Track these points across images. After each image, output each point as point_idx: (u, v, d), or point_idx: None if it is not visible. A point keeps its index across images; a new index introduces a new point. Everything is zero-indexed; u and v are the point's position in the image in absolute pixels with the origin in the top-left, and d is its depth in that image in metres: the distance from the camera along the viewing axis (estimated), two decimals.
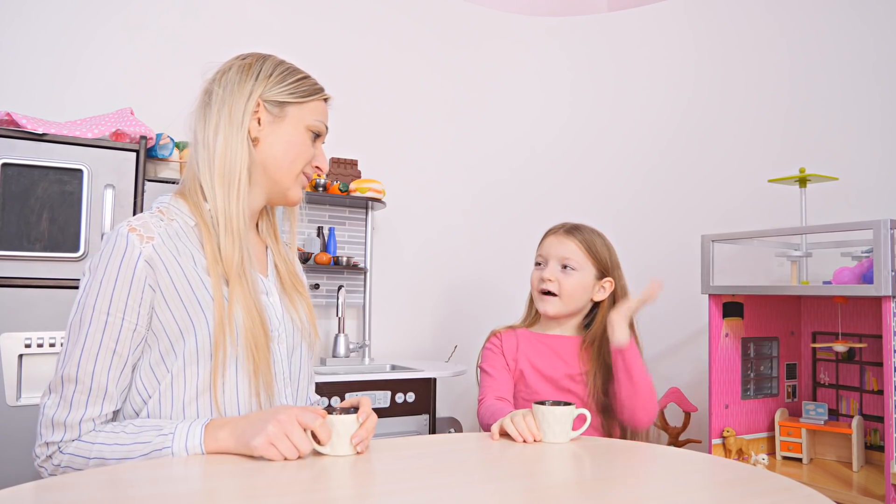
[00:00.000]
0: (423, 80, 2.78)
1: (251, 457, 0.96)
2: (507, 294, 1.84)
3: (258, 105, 1.06)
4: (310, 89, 1.10)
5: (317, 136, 1.12)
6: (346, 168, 2.55)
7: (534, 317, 1.62)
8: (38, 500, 0.74)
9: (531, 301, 1.60)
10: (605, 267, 1.53)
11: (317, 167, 1.13)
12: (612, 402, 1.46)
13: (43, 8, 2.10)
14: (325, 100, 1.13)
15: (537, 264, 1.57)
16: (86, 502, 0.77)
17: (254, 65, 1.07)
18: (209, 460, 0.94)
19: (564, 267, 1.51)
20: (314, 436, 0.95)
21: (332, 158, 2.53)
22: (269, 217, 1.19)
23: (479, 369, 1.54)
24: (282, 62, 1.11)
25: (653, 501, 0.79)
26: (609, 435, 1.50)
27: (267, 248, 1.18)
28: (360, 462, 0.94)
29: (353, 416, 0.96)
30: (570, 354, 1.52)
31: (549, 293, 1.51)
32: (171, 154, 2.13)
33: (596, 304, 1.56)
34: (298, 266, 1.25)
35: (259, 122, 1.07)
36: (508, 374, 1.50)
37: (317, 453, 0.96)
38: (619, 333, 1.40)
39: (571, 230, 1.54)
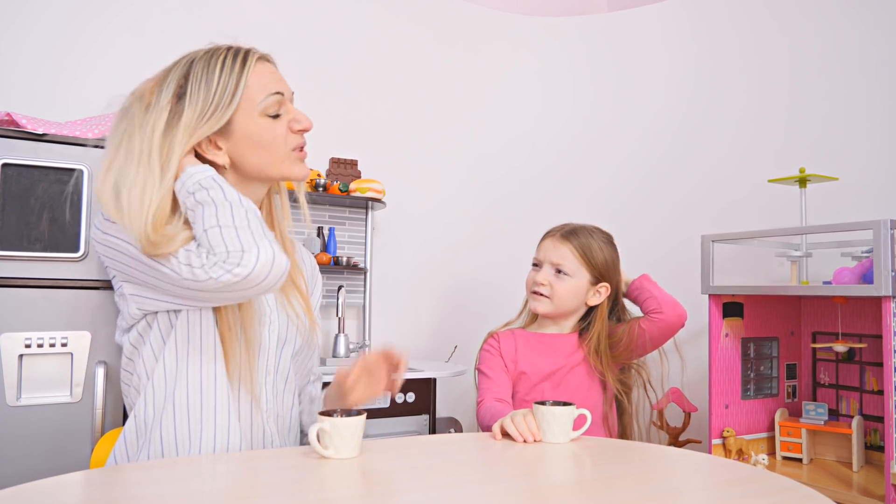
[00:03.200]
0: (424, 80, 2.78)
1: (251, 457, 0.96)
2: (508, 294, 1.85)
3: (199, 143, 1.00)
4: (234, 83, 0.99)
5: (276, 115, 1.03)
6: (346, 168, 2.55)
7: (530, 317, 1.63)
8: (38, 500, 0.74)
9: (527, 300, 1.62)
10: (601, 272, 1.53)
11: (300, 130, 1.05)
12: (638, 324, 1.52)
13: (44, 8, 2.10)
14: (263, 59, 1.03)
15: (534, 265, 1.59)
16: (87, 502, 0.77)
17: (171, 108, 0.98)
18: (209, 460, 0.94)
19: (558, 272, 1.52)
20: (317, 438, 0.94)
21: (332, 158, 2.53)
22: (268, 203, 1.15)
23: (476, 371, 1.55)
24: (190, 71, 1.00)
25: (653, 501, 0.79)
26: (607, 419, 1.52)
27: None
28: (360, 462, 0.94)
29: (355, 419, 0.96)
30: (568, 349, 1.54)
31: (541, 294, 1.54)
32: None
33: (593, 308, 1.57)
34: (303, 258, 1.23)
35: (217, 147, 1.02)
36: (506, 375, 1.51)
37: (319, 455, 0.96)
38: (627, 276, 1.59)
39: (568, 234, 1.55)
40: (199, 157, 1.03)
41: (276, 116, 1.03)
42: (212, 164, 1.02)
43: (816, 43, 2.27)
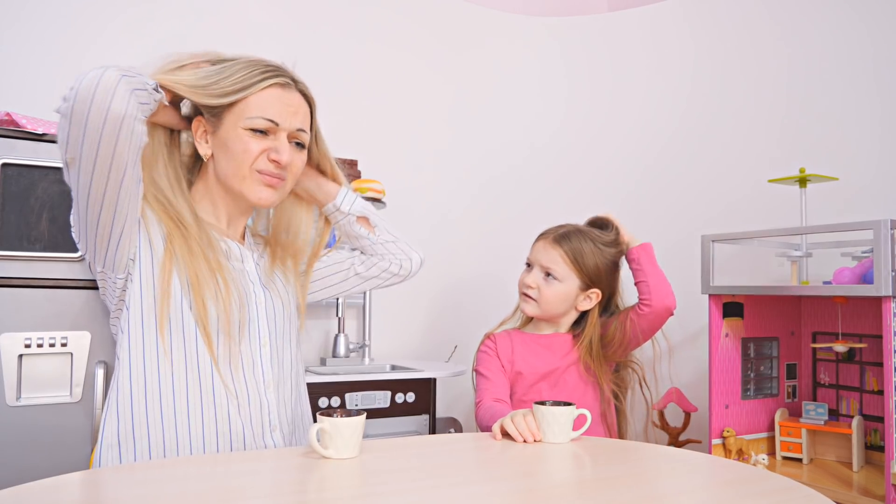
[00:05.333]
0: (423, 80, 2.78)
1: (252, 457, 0.96)
2: (508, 293, 1.84)
3: (195, 129, 1.09)
4: (238, 87, 1.04)
5: (263, 131, 1.07)
6: (346, 168, 2.55)
7: (525, 317, 1.63)
8: (38, 500, 0.74)
9: None
10: (591, 279, 1.52)
11: (274, 159, 1.08)
12: (629, 318, 1.50)
13: (44, 8, 2.10)
14: (276, 85, 1.08)
15: (527, 265, 1.59)
16: (87, 502, 0.77)
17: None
18: (209, 460, 0.94)
19: (548, 275, 1.52)
20: (317, 438, 0.95)
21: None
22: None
23: (474, 372, 1.55)
24: (232, 60, 1.08)
25: (653, 501, 0.79)
26: (605, 416, 1.52)
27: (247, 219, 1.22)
28: (360, 462, 0.94)
29: (355, 419, 0.96)
30: (563, 349, 1.54)
31: (529, 296, 1.54)
32: None
33: (586, 312, 1.57)
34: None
35: (206, 139, 1.09)
36: (504, 376, 1.51)
37: (319, 455, 0.96)
38: (633, 238, 1.56)
39: (560, 238, 1.53)
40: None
41: (262, 133, 1.07)
42: (197, 151, 1.12)
43: (816, 43, 2.27)
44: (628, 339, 1.51)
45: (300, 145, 1.14)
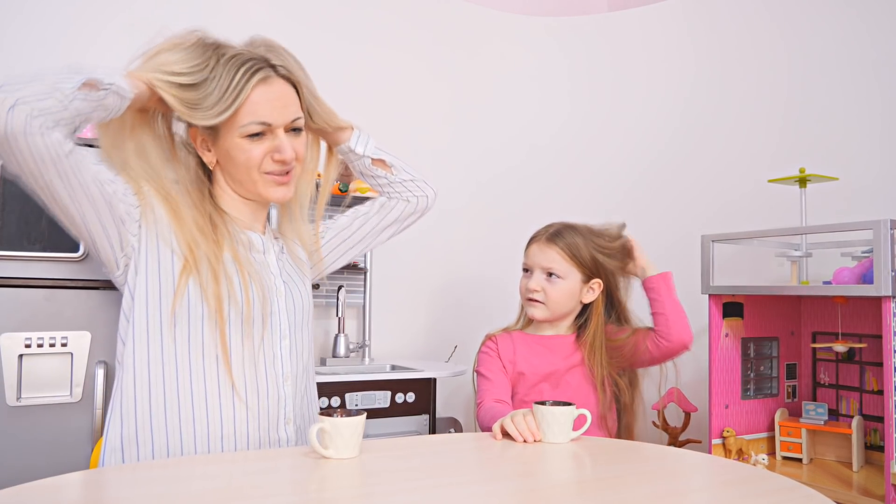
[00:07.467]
0: (423, 80, 2.78)
1: (252, 457, 0.96)
2: (508, 293, 1.85)
3: (193, 138, 1.10)
4: (229, 102, 1.02)
5: (259, 133, 1.05)
6: (346, 168, 2.55)
7: (527, 320, 1.63)
8: (38, 500, 0.74)
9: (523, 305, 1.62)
10: (591, 270, 1.52)
11: (279, 160, 1.08)
12: (645, 344, 1.50)
13: (44, 8, 2.10)
14: (260, 82, 1.05)
15: (525, 270, 1.58)
16: (87, 502, 0.77)
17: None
18: (210, 460, 0.94)
19: (550, 275, 1.52)
20: (319, 439, 0.95)
21: None
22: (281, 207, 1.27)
23: (475, 373, 1.55)
24: (215, 64, 1.06)
25: (653, 501, 0.79)
26: (605, 420, 1.52)
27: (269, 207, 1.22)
28: (360, 462, 0.94)
29: (355, 419, 0.95)
30: (565, 350, 1.53)
31: (535, 300, 1.53)
32: None
33: (587, 305, 1.56)
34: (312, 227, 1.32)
35: (207, 148, 1.10)
36: (505, 376, 1.51)
37: (319, 455, 0.96)
38: (650, 264, 1.55)
39: (553, 237, 1.53)
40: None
41: (259, 135, 1.06)
42: (200, 160, 1.13)
43: (816, 43, 2.27)
44: (638, 358, 1.51)
45: (297, 130, 1.12)
